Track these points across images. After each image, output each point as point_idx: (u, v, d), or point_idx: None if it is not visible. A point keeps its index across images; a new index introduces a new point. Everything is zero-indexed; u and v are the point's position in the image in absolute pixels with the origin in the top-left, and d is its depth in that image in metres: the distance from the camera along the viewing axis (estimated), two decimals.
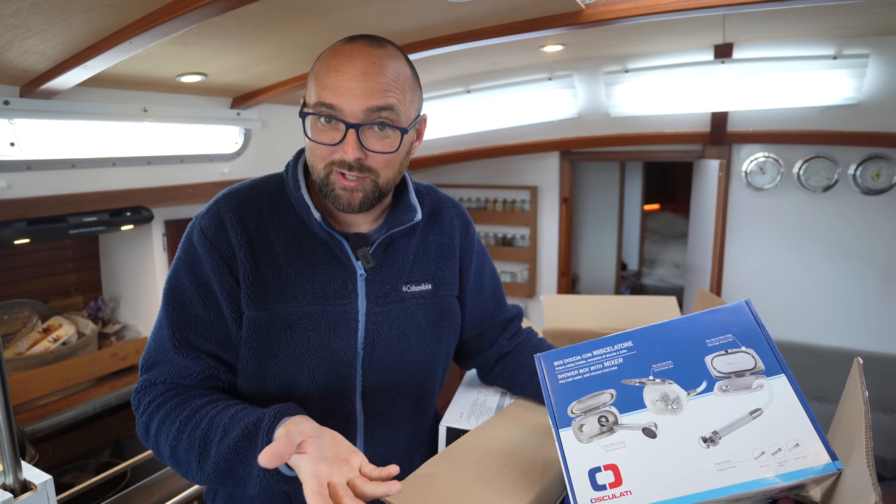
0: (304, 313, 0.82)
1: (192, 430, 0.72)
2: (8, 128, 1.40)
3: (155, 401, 0.77)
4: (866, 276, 2.54)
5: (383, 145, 0.77)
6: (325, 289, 0.83)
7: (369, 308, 0.85)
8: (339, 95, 0.74)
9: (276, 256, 0.82)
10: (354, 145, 0.75)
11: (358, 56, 0.75)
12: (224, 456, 0.69)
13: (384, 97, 0.75)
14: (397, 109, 0.76)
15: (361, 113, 0.74)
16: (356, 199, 0.79)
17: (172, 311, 0.81)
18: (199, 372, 0.80)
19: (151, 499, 1.45)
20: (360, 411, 0.87)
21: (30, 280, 1.93)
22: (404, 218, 0.87)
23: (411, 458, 0.95)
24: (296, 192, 0.84)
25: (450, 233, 0.96)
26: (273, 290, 0.81)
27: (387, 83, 0.75)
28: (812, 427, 0.60)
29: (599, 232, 4.52)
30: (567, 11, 1.35)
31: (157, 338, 0.82)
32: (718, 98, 2.32)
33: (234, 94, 1.87)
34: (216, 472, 0.70)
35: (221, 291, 0.80)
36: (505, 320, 1.07)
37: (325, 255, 0.84)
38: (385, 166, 0.79)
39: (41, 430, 1.69)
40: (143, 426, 0.78)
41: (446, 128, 2.77)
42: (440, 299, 0.93)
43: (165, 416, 0.75)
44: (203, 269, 0.80)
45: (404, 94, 0.78)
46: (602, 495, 0.61)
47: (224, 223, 0.81)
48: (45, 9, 0.91)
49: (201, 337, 0.80)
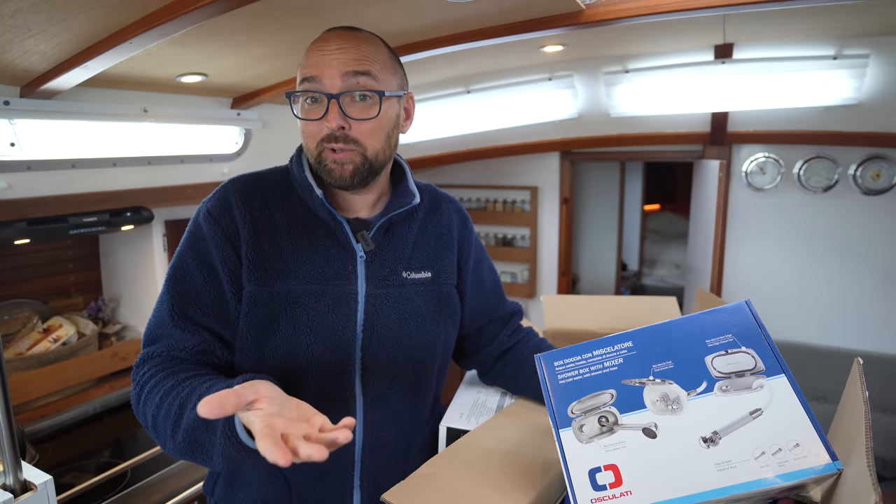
0: (305, 291, 0.84)
1: (172, 399, 0.72)
2: (8, 128, 1.40)
3: (148, 372, 0.79)
4: (866, 276, 2.54)
5: (363, 112, 0.81)
6: (325, 269, 0.85)
7: (369, 290, 0.87)
8: (318, 67, 0.79)
9: (279, 235, 0.85)
10: (336, 113, 0.79)
11: (335, 36, 0.82)
12: (192, 423, 0.68)
13: (360, 64, 0.80)
14: (375, 76, 0.81)
15: (339, 80, 0.79)
16: (346, 171, 0.82)
17: (173, 286, 0.83)
18: (194, 345, 0.80)
19: (151, 499, 1.45)
20: (359, 394, 0.88)
21: (30, 280, 1.93)
22: (403, 202, 0.91)
23: (408, 445, 0.96)
24: (299, 174, 0.87)
25: (448, 225, 0.99)
26: (275, 267, 0.83)
27: (363, 54, 0.81)
28: (812, 427, 0.60)
29: (600, 232, 4.52)
30: (567, 12, 1.35)
31: (158, 313, 0.83)
32: (718, 98, 2.32)
33: (235, 94, 1.87)
34: (185, 440, 0.70)
35: (223, 268, 0.82)
36: (505, 315, 1.08)
37: (327, 236, 0.87)
38: (369, 135, 0.82)
39: (41, 430, 1.69)
40: (136, 396, 0.79)
41: (446, 128, 2.77)
42: (440, 287, 0.95)
43: (153, 386, 0.76)
44: (206, 247, 0.83)
45: (382, 66, 0.83)
46: (602, 495, 0.61)
47: (230, 203, 0.85)
48: (44, 9, 0.91)
49: (199, 311, 0.82)
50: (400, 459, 0.94)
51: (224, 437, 0.65)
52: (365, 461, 0.90)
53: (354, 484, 0.90)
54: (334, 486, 0.90)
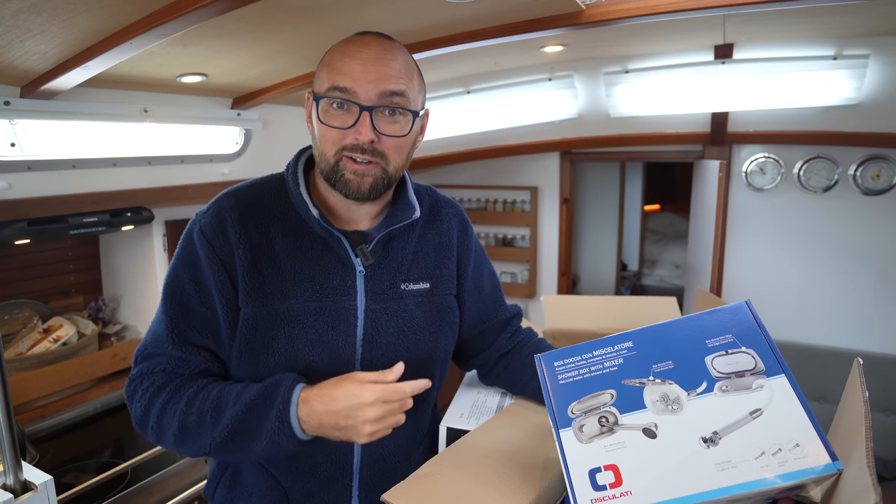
0: (303, 310, 0.83)
1: (201, 402, 0.76)
2: (8, 128, 1.40)
3: (154, 385, 0.79)
4: (866, 276, 2.54)
5: (395, 129, 0.81)
6: (324, 286, 0.84)
7: (368, 305, 0.86)
8: (353, 79, 0.77)
9: (276, 253, 0.83)
10: (368, 127, 0.78)
11: (371, 44, 0.80)
12: (239, 415, 0.73)
13: (397, 82, 0.79)
14: (408, 96, 0.81)
15: (375, 97, 0.78)
16: (366, 184, 0.81)
17: (170, 306, 0.83)
18: (196, 365, 0.82)
19: (152, 499, 1.45)
20: None
21: (30, 280, 1.93)
22: (403, 215, 0.89)
23: (409, 457, 0.95)
24: (295, 189, 0.85)
25: (448, 232, 0.97)
26: (272, 286, 0.82)
27: (398, 70, 0.80)
28: (812, 427, 0.60)
29: (600, 232, 4.52)
30: (567, 12, 1.35)
31: (155, 332, 0.83)
32: (719, 98, 2.32)
33: (235, 94, 1.88)
34: (229, 432, 0.74)
35: (216, 289, 0.82)
36: (504, 320, 1.07)
37: (325, 252, 0.85)
38: (395, 152, 0.82)
39: (42, 430, 1.69)
40: (142, 410, 0.79)
41: (446, 128, 2.77)
42: (438, 298, 0.94)
43: (171, 396, 0.78)
44: (200, 267, 0.82)
45: (413, 83, 0.83)
46: (602, 495, 0.61)
47: (224, 221, 0.83)
48: (45, 9, 0.91)
49: (198, 333, 0.82)
50: (399, 471, 0.93)
51: (278, 421, 0.71)
52: (363, 473, 0.90)
53: (352, 494, 0.90)
54: (332, 496, 0.89)
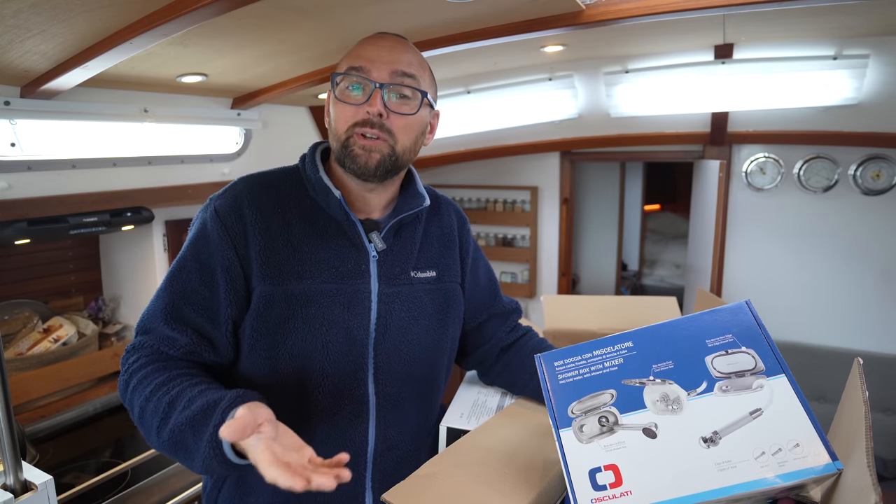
0: (320, 290, 0.84)
1: (162, 395, 0.74)
2: (8, 128, 1.40)
3: (138, 361, 0.80)
4: (866, 276, 2.54)
5: (404, 108, 0.86)
6: (339, 268, 0.86)
7: (381, 289, 0.89)
8: (368, 60, 0.84)
9: (293, 234, 0.86)
10: (379, 101, 0.83)
11: (388, 37, 0.88)
12: (180, 426, 0.70)
13: (409, 66, 0.86)
14: (419, 80, 0.87)
15: (387, 75, 0.84)
16: (373, 160, 0.84)
17: (172, 282, 0.84)
18: (183, 345, 0.81)
19: (152, 499, 1.45)
20: (371, 393, 0.88)
21: (30, 280, 1.93)
22: (413, 203, 0.93)
23: (419, 447, 0.96)
24: (314, 174, 0.88)
25: (449, 225, 1.02)
26: (288, 267, 0.84)
27: (411, 58, 0.87)
28: (812, 427, 0.60)
29: (600, 232, 4.52)
30: (567, 12, 1.35)
31: (154, 306, 0.84)
32: (719, 98, 2.32)
33: (235, 94, 1.88)
34: (170, 440, 0.72)
35: (221, 267, 0.82)
36: (503, 312, 1.09)
37: (340, 236, 0.88)
38: (403, 131, 0.85)
39: (42, 430, 1.69)
40: (123, 383, 0.80)
41: (446, 128, 2.77)
42: (445, 285, 0.97)
43: (143, 377, 0.78)
44: (208, 245, 0.83)
45: (425, 74, 0.89)
46: (602, 495, 0.61)
47: (240, 202, 0.85)
48: (45, 9, 0.91)
49: (193, 310, 0.82)
50: (410, 461, 0.93)
51: (209, 447, 0.67)
52: (377, 462, 0.91)
53: (366, 486, 0.90)
54: (346, 487, 0.89)
